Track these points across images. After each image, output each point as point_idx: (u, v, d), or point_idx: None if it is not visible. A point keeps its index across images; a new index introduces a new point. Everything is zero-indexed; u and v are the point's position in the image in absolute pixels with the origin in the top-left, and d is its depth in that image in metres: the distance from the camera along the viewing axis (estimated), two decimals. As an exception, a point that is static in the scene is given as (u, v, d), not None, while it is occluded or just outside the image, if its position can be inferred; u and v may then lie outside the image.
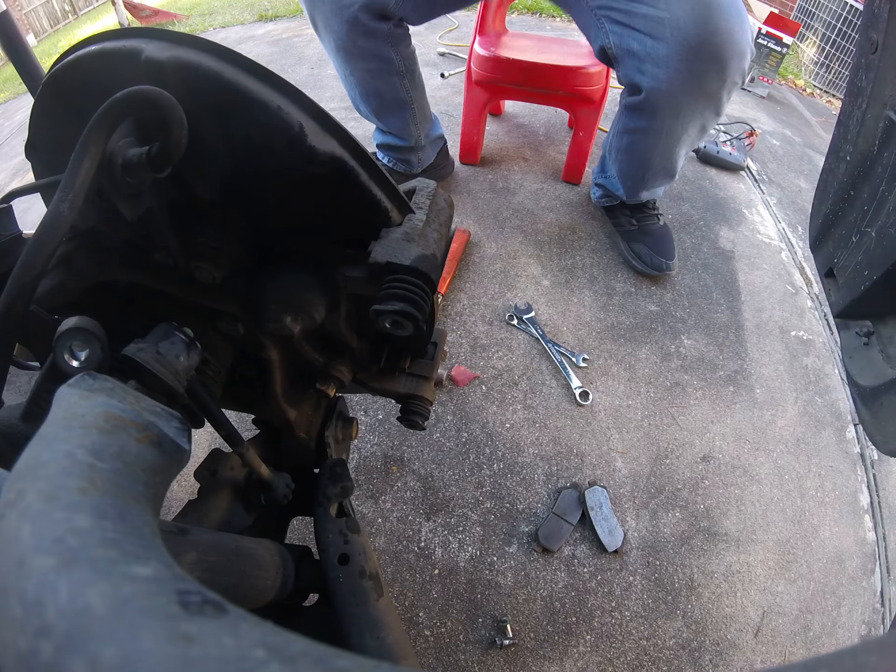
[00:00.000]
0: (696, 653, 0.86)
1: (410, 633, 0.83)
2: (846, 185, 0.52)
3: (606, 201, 1.42)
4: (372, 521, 0.93)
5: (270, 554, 0.42)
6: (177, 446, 0.25)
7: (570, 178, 1.62)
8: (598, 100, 1.43)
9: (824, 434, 1.16)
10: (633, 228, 1.36)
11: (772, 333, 1.31)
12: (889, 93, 0.44)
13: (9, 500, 0.16)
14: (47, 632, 0.12)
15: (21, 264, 0.29)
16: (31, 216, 1.28)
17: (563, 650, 0.84)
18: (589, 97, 1.42)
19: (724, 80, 0.96)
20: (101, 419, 0.21)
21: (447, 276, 1.26)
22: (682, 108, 1.02)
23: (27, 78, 0.69)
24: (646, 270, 1.34)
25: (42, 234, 0.29)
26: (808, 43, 3.06)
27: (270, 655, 0.11)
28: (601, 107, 1.45)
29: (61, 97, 0.38)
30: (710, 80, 0.96)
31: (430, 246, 0.38)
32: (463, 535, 0.93)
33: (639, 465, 1.04)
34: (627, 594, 0.90)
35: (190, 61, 0.33)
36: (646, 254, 1.33)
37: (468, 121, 1.56)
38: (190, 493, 0.93)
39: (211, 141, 0.36)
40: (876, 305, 0.49)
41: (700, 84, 0.97)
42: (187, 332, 0.36)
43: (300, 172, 0.36)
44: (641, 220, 1.36)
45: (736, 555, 0.97)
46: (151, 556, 0.15)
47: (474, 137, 1.59)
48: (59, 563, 0.13)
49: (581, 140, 1.52)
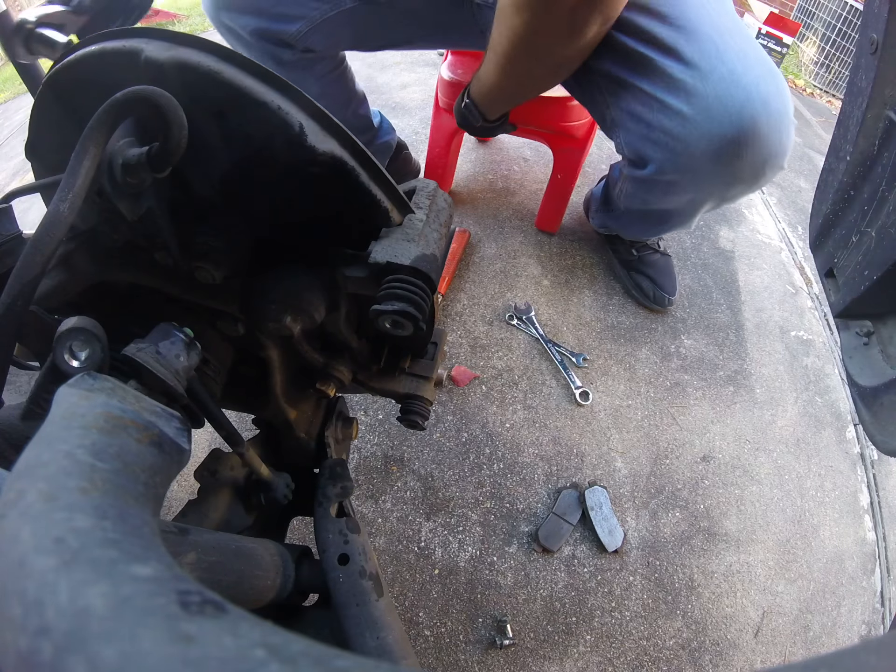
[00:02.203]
0: (696, 653, 0.86)
1: (410, 633, 0.83)
2: (846, 185, 0.52)
3: (606, 231, 1.30)
4: (372, 521, 0.93)
5: (270, 554, 0.42)
6: (177, 446, 0.25)
7: (545, 227, 1.39)
8: (582, 137, 1.20)
9: (824, 434, 1.16)
10: (633, 258, 1.27)
11: (772, 333, 1.31)
12: (889, 93, 0.44)
13: (9, 500, 0.16)
14: (47, 632, 0.12)
15: (21, 264, 0.29)
16: (31, 216, 1.28)
17: (563, 650, 0.84)
18: (570, 133, 1.18)
19: (760, 179, 0.75)
20: (101, 419, 0.21)
21: (447, 276, 1.26)
22: (704, 184, 0.78)
23: (27, 78, 0.69)
24: (648, 304, 1.27)
25: (42, 234, 0.29)
26: (807, 43, 3.06)
27: (270, 655, 0.11)
28: (586, 146, 1.22)
29: (61, 97, 0.38)
30: (745, 175, 0.74)
31: (430, 246, 0.38)
32: (463, 535, 0.93)
33: (639, 465, 1.04)
34: (627, 594, 0.90)
35: (190, 61, 0.33)
36: (648, 287, 1.26)
37: (434, 151, 1.35)
38: (190, 493, 0.93)
39: (211, 141, 0.36)
40: (876, 305, 0.49)
41: (733, 176, 0.74)
42: (187, 332, 0.36)
43: (300, 172, 0.36)
44: (642, 249, 1.26)
45: (736, 555, 0.97)
46: (151, 556, 0.15)
47: (440, 170, 1.37)
48: (59, 563, 0.13)
49: (559, 183, 1.28)
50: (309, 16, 0.88)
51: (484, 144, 1.70)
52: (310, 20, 0.89)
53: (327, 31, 0.91)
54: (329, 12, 0.88)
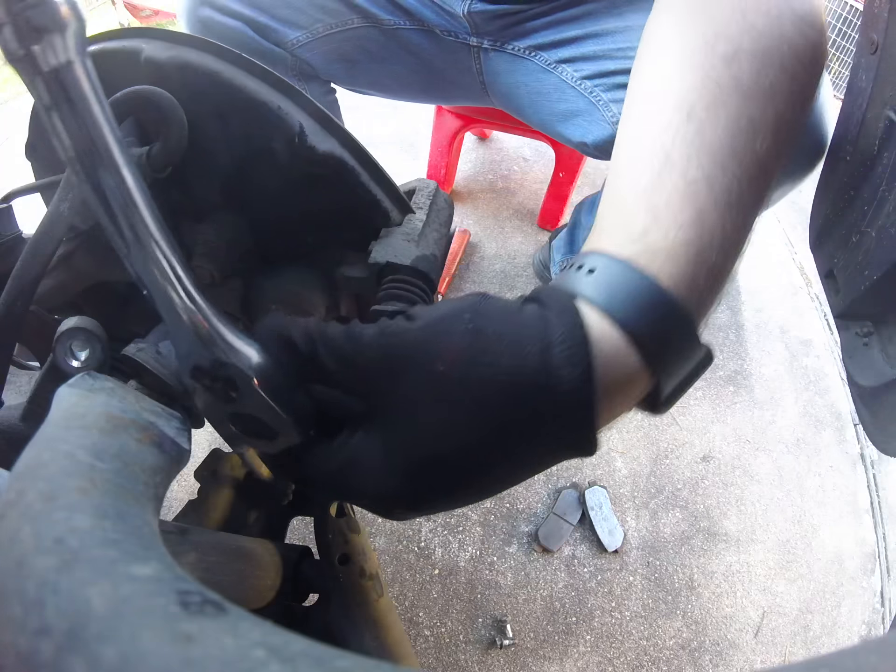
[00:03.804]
0: (696, 653, 0.86)
1: (410, 633, 0.83)
2: (846, 185, 0.52)
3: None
4: (372, 521, 0.93)
5: (270, 554, 0.42)
6: (177, 446, 0.25)
7: (546, 225, 1.44)
8: (584, 136, 1.26)
9: (824, 434, 1.16)
10: None
11: (772, 333, 1.31)
12: (889, 93, 0.44)
13: (9, 500, 0.16)
14: (47, 631, 0.12)
15: (21, 264, 0.29)
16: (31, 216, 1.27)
17: (563, 650, 0.84)
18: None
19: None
20: (101, 419, 0.21)
21: (447, 276, 1.25)
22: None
23: (27, 78, 0.69)
24: None
25: (42, 234, 0.29)
26: (808, 43, 3.06)
27: (270, 655, 0.11)
28: (587, 145, 1.28)
29: (61, 97, 0.38)
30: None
31: (430, 246, 0.38)
32: (463, 535, 0.93)
33: (639, 465, 1.04)
34: (627, 594, 0.90)
35: (190, 61, 0.33)
36: None
37: (436, 151, 1.38)
38: (190, 493, 0.93)
39: (211, 141, 0.36)
40: (876, 305, 0.49)
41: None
42: (187, 332, 0.36)
43: (300, 172, 0.36)
44: None
45: (736, 555, 0.97)
46: (151, 556, 0.15)
47: (442, 170, 1.40)
48: (59, 563, 0.13)
49: (561, 182, 1.32)
50: (312, 27, 0.87)
51: (484, 144, 1.69)
52: (312, 32, 0.87)
53: (326, 49, 0.88)
54: (333, 28, 0.86)
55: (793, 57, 0.29)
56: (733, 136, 0.27)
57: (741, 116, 0.27)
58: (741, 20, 0.29)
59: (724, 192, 0.25)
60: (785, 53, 0.29)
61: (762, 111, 0.28)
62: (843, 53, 2.79)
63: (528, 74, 0.78)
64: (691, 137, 0.26)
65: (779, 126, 0.28)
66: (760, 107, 0.28)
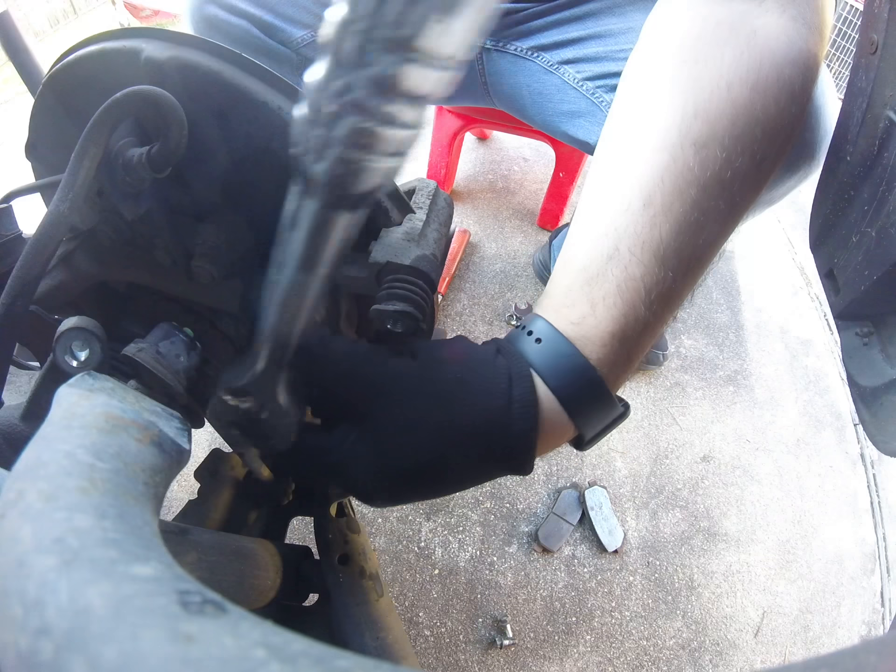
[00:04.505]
0: (696, 653, 0.86)
1: (410, 633, 0.83)
2: (846, 185, 0.51)
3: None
4: (372, 521, 0.93)
5: (270, 554, 0.42)
6: (177, 446, 0.25)
7: (546, 225, 1.45)
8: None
9: (824, 434, 1.16)
10: None
11: (772, 333, 1.31)
12: (889, 93, 0.44)
13: (9, 500, 0.16)
14: (47, 631, 0.12)
15: (21, 264, 0.29)
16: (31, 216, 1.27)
17: (563, 650, 0.84)
18: (573, 133, 1.24)
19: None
20: (101, 419, 0.21)
21: (447, 276, 1.26)
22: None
23: (27, 78, 0.69)
24: (641, 367, 1.17)
25: (42, 234, 0.29)
26: (807, 43, 3.06)
27: (271, 655, 0.11)
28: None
29: (61, 97, 0.38)
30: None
31: (430, 246, 0.38)
32: (463, 535, 0.93)
33: (639, 465, 1.04)
34: (627, 594, 0.90)
35: (190, 61, 0.33)
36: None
37: (436, 151, 1.38)
38: (190, 493, 0.93)
39: (211, 141, 0.36)
40: (876, 305, 0.49)
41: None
42: (187, 332, 0.36)
43: (300, 172, 0.36)
44: None
45: (736, 555, 0.97)
46: (152, 555, 0.15)
47: (443, 170, 1.40)
48: (59, 562, 0.13)
49: (561, 182, 1.32)
50: (317, 26, 0.86)
51: (484, 144, 1.69)
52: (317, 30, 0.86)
53: None
54: None
55: (765, 140, 0.32)
56: (680, 233, 0.30)
57: (694, 209, 0.30)
58: (725, 95, 0.31)
59: (656, 286, 0.31)
60: (757, 138, 0.31)
61: (716, 204, 0.31)
62: (843, 53, 2.79)
63: (529, 75, 0.78)
64: (641, 229, 0.30)
65: (729, 216, 0.32)
66: (715, 199, 0.31)
